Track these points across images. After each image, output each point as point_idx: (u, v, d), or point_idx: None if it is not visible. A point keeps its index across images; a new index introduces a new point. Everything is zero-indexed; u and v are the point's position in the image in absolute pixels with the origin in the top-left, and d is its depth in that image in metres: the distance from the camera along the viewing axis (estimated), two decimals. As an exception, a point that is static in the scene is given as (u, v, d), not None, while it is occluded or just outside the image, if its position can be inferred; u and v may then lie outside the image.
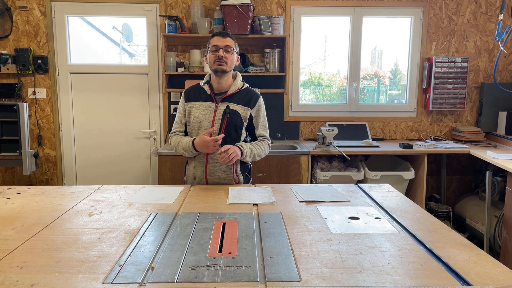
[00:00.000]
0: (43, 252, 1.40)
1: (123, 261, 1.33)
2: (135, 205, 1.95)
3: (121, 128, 4.25)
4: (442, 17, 4.21)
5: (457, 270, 1.27)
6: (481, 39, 4.25)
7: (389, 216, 1.80)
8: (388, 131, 4.36)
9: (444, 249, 1.44)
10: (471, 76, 4.29)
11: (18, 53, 3.99)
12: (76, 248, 1.43)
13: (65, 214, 1.81)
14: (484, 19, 4.22)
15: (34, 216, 1.78)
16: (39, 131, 4.19)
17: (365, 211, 1.86)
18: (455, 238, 1.55)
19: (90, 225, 1.67)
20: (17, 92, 4.05)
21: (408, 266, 1.30)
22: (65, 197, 2.07)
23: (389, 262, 1.33)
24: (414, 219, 1.77)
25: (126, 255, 1.38)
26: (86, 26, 4.49)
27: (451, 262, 1.33)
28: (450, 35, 4.24)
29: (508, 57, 4.27)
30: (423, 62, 4.26)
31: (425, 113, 4.35)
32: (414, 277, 1.23)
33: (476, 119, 4.36)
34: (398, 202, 2.02)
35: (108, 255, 1.38)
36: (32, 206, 1.92)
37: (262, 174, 3.57)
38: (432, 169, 4.35)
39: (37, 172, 4.23)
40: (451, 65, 4.16)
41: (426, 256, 1.38)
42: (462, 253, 1.41)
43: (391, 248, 1.44)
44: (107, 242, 1.49)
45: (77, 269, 1.27)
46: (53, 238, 1.53)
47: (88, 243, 1.48)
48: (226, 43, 2.28)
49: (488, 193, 3.43)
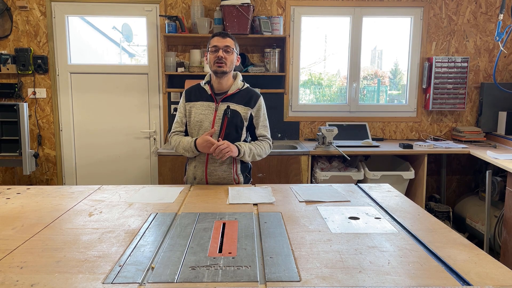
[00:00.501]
0: (43, 252, 1.40)
1: (123, 261, 1.33)
2: (135, 205, 1.95)
3: (121, 128, 4.25)
4: (442, 17, 4.21)
5: (457, 270, 1.27)
6: (481, 39, 4.25)
7: (389, 216, 1.80)
8: (388, 131, 4.36)
9: (444, 249, 1.44)
10: (471, 76, 4.29)
11: (18, 53, 3.99)
12: (76, 248, 1.43)
13: (65, 214, 1.81)
14: (484, 19, 4.22)
15: (34, 216, 1.78)
16: (39, 131, 4.19)
17: (365, 211, 1.86)
18: (455, 238, 1.55)
19: (90, 225, 1.67)
20: (17, 92, 4.05)
21: (408, 266, 1.30)
22: (65, 197, 2.07)
23: (389, 262, 1.33)
24: (414, 219, 1.77)
25: (126, 255, 1.38)
26: (86, 26, 4.50)
27: (451, 262, 1.33)
28: (450, 35, 4.24)
29: (508, 57, 4.27)
30: (423, 62, 4.26)
31: (425, 113, 4.35)
32: (414, 277, 1.23)
33: (476, 119, 4.36)
34: (398, 202, 2.02)
35: (108, 255, 1.38)
36: (32, 206, 1.92)
37: (262, 174, 3.57)
38: (432, 169, 4.35)
39: (37, 172, 4.23)
40: (451, 65, 4.16)
41: (426, 256, 1.38)
42: (462, 253, 1.41)
43: (391, 248, 1.44)
44: (107, 242, 1.49)
45: (77, 269, 1.27)
46: (53, 238, 1.53)
47: (88, 243, 1.48)
48: (226, 43, 2.27)
49: (488, 193, 3.43)
